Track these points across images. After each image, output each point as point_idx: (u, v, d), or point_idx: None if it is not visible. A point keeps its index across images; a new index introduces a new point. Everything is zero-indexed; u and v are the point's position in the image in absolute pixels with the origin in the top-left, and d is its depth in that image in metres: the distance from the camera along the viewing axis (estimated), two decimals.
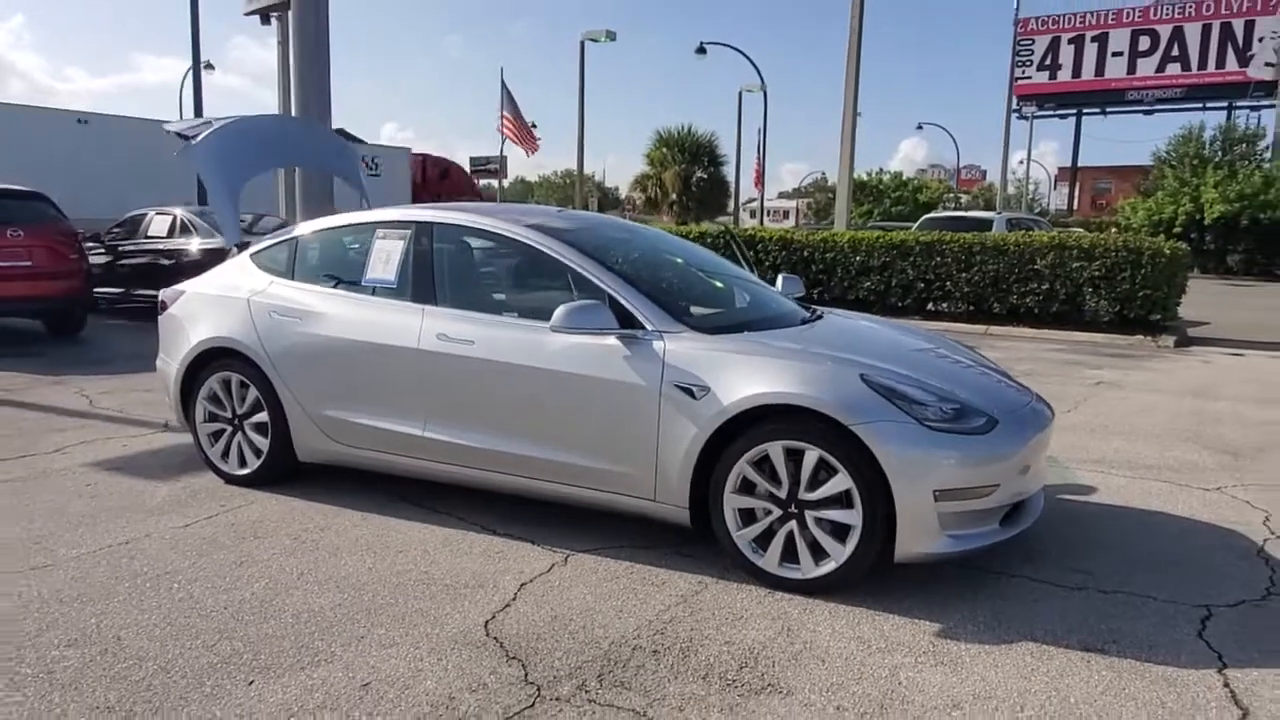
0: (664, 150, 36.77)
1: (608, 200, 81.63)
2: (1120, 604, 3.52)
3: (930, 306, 13.36)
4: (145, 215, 12.25)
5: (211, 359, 4.82)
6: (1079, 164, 50.94)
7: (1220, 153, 36.22)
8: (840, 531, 3.47)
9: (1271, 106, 39.95)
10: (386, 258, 4.45)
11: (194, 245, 11.42)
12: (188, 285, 5.14)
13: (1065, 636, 3.23)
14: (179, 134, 5.22)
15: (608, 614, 3.35)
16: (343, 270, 4.72)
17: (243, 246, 5.12)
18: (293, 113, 14.08)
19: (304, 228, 4.92)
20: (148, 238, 12.00)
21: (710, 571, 3.75)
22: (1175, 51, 45.63)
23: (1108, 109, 48.96)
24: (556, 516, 4.28)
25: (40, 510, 4.40)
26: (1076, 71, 48.05)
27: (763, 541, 3.61)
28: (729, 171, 33.97)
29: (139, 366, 8.37)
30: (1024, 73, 48.67)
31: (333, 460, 4.64)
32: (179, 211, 11.89)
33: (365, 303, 4.48)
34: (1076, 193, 52.18)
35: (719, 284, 4.89)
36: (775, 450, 3.52)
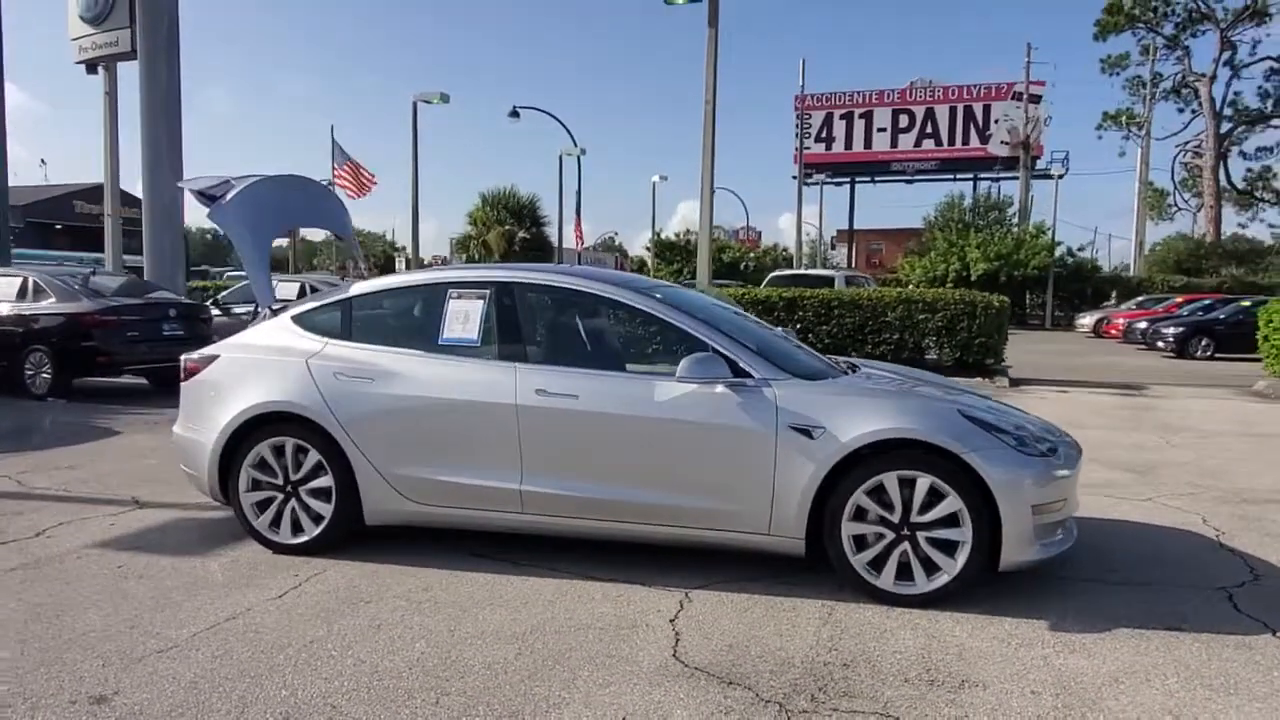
0: (488, 210, 36.99)
1: (414, 261, 79.85)
2: (1160, 592, 4.23)
3: None
4: None
5: (258, 425, 4.64)
6: (854, 226, 55.88)
7: (978, 218, 41.16)
8: (948, 548, 3.96)
9: (1013, 178, 45.95)
10: (465, 317, 4.54)
11: (46, 309, 10.38)
12: (219, 349, 4.92)
13: (1144, 620, 3.86)
14: (201, 192, 4.98)
15: (771, 639, 3.64)
16: (409, 331, 4.74)
17: (276, 310, 4.97)
18: (141, 166, 13.31)
19: (356, 290, 4.86)
20: None
21: (822, 595, 4.11)
22: (929, 129, 51.33)
23: (876, 178, 53.98)
24: (638, 559, 4.49)
25: (94, 596, 4.06)
26: (848, 144, 52.94)
27: (876, 563, 4.03)
28: (552, 231, 34.74)
29: (34, 443, 7.67)
30: (804, 144, 52.94)
31: (406, 521, 4.59)
32: (29, 274, 10.79)
33: (445, 362, 4.52)
34: (853, 252, 56.99)
35: (771, 335, 5.30)
36: (890, 480, 3.97)
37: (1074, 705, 3.09)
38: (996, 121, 48.83)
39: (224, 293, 15.70)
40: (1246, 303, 22.43)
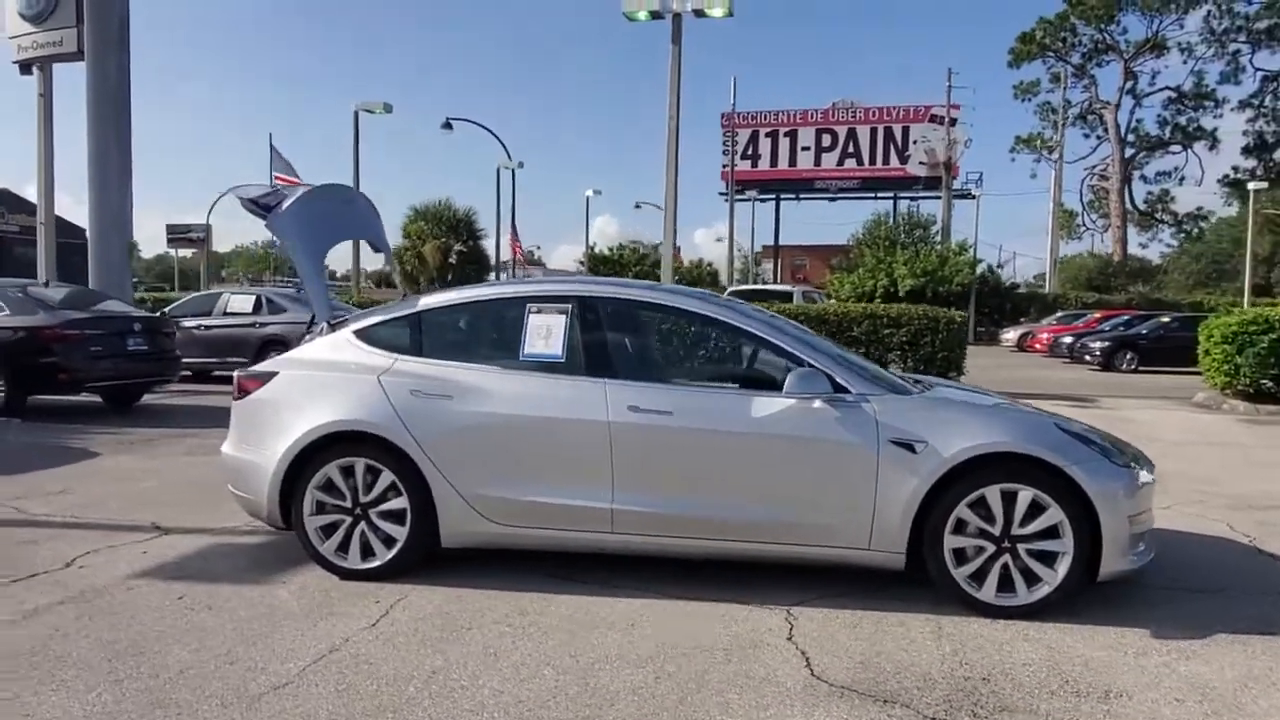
0: (422, 224, 36.32)
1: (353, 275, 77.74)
2: (1236, 598, 4.39)
3: None
4: None
5: (325, 445, 4.42)
6: (780, 242, 56.89)
7: (904, 235, 42.38)
8: (1048, 559, 4.02)
9: (933, 197, 47.50)
10: (546, 332, 4.42)
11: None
12: (277, 365, 4.67)
13: (1237, 624, 4.00)
14: (254, 201, 4.73)
15: (897, 654, 3.63)
16: (484, 346, 4.60)
17: (335, 324, 4.76)
18: (88, 171, 12.67)
19: (425, 303, 4.68)
20: None
21: (919, 608, 4.12)
22: (851, 149, 52.73)
23: (800, 195, 55.09)
24: (722, 577, 4.44)
25: (169, 631, 3.79)
26: (774, 162, 53.94)
27: (977, 576, 4.07)
28: (489, 245, 34.37)
29: (10, 466, 7.18)
30: (731, 161, 53.63)
31: (484, 543, 4.43)
32: None
33: (529, 378, 4.39)
34: (778, 267, 58.01)
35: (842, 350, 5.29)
36: (992, 493, 4.02)
37: (1221, 711, 3.17)
38: (915, 143, 50.48)
39: (170, 306, 15.00)
40: (1167, 318, 23.66)
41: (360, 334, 4.65)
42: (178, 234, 49.05)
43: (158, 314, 12.17)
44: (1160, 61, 44.85)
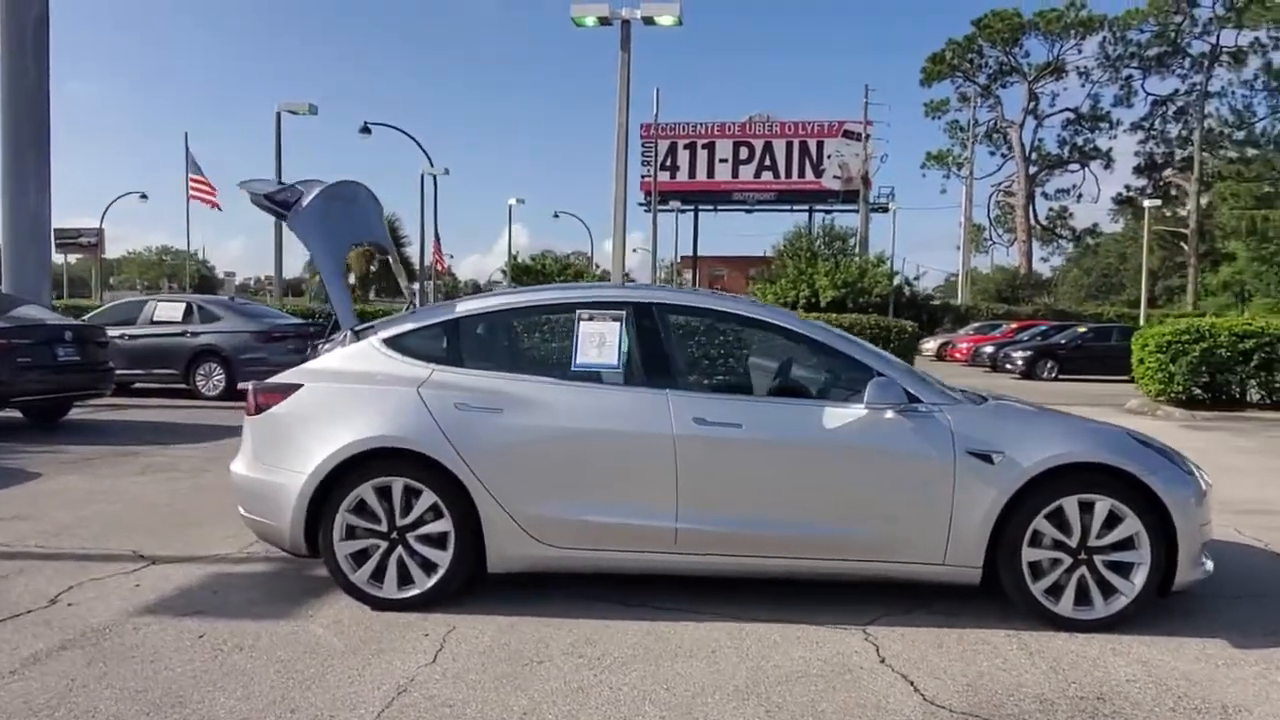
0: None
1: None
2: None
3: None
4: None
5: (358, 464, 4.05)
6: (698, 253, 57.32)
7: (824, 247, 43.19)
8: (1123, 570, 3.96)
9: (848, 210, 48.67)
10: (600, 340, 4.15)
11: None
12: (299, 377, 4.26)
13: None
14: (268, 197, 4.29)
15: (997, 674, 3.49)
16: (530, 355, 4.29)
17: (358, 333, 4.37)
18: (1, 173, 11.74)
19: (462, 309, 4.34)
20: None
21: (988, 623, 4.01)
22: (768, 162, 53.56)
23: (718, 206, 55.67)
24: (780, 596, 4.26)
25: (204, 676, 3.36)
26: (692, 173, 54.38)
27: (1054, 590, 3.98)
28: (412, 252, 33.40)
29: None
30: (649, 172, 53.76)
31: (534, 567, 4.13)
32: None
33: (583, 389, 4.12)
34: (697, 278, 58.45)
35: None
36: (1070, 504, 3.94)
37: None
38: (829, 157, 51.64)
39: (90, 314, 13.99)
40: (1084, 329, 24.65)
41: (391, 343, 4.28)
42: (66, 239, 46.24)
43: (88, 322, 11.29)
44: (1060, 84, 47.06)
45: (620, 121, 15.30)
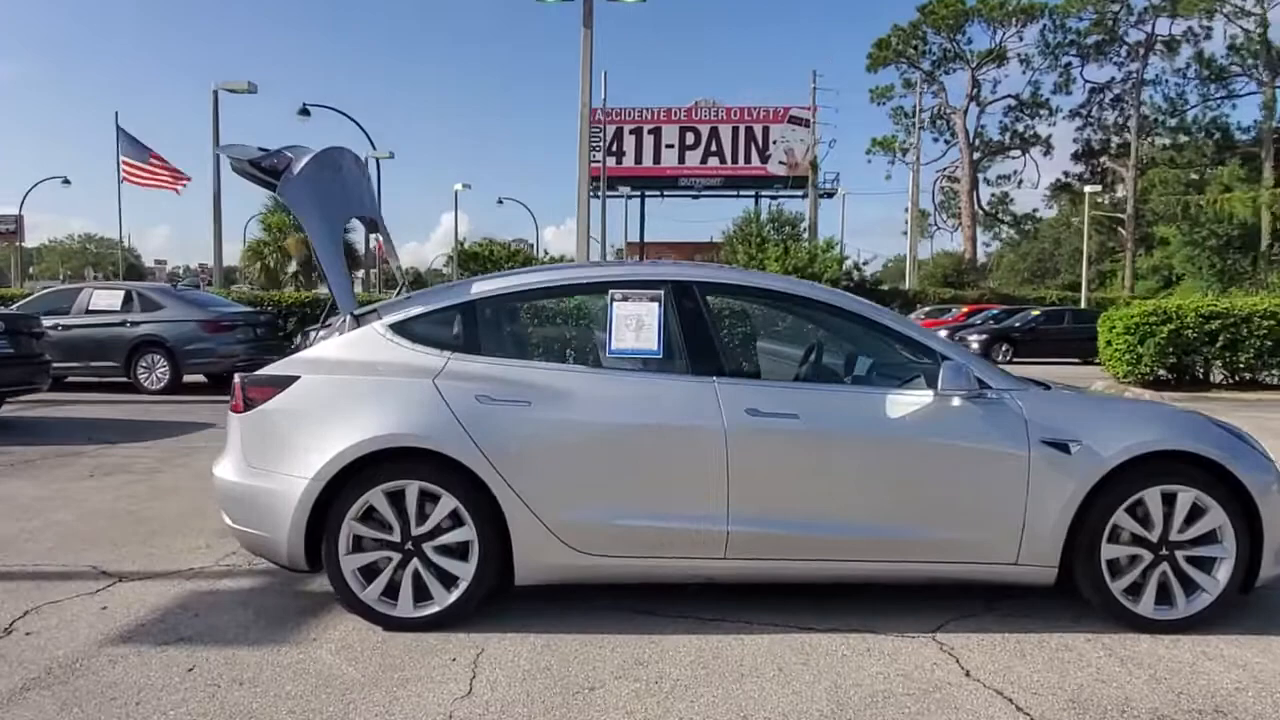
0: (283, 215, 33.76)
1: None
2: None
3: None
4: None
5: (364, 467, 3.56)
6: (644, 239, 56.92)
7: (773, 233, 43.12)
8: (1205, 565, 3.68)
9: (793, 196, 48.74)
10: (637, 324, 3.72)
11: None
12: (294, 368, 3.73)
13: None
14: (254, 164, 3.74)
15: (1097, 686, 3.17)
16: (558, 341, 3.84)
17: (358, 318, 3.86)
18: None
19: (479, 290, 3.86)
20: None
21: (1058, 627, 3.71)
22: (714, 147, 53.37)
23: (665, 192, 55.35)
24: (827, 603, 3.91)
25: (199, 717, 2.87)
26: (638, 158, 53.93)
27: (1133, 588, 3.68)
28: (355, 239, 32.32)
29: None
30: (595, 157, 53.11)
31: (567, 577, 3.69)
32: None
33: (620, 379, 3.69)
34: None
35: None
36: (1152, 496, 3.64)
37: None
38: (775, 143, 51.67)
39: (18, 304, 13.01)
40: (1037, 312, 24.91)
41: (398, 328, 3.79)
42: None
43: (22, 312, 10.43)
44: (1002, 70, 47.64)
45: (583, 99, 14.83)
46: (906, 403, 3.64)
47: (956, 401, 3.64)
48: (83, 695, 3.02)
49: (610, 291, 3.78)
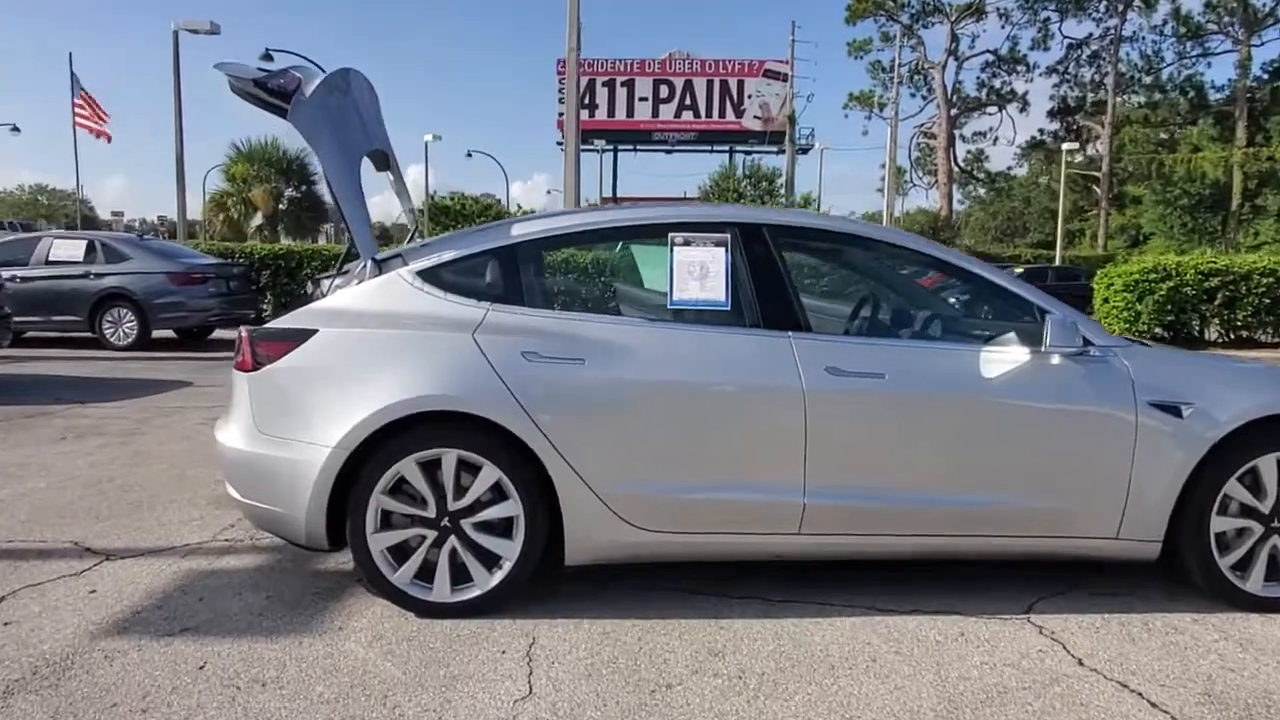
0: (247, 165, 32.48)
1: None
2: None
3: None
4: None
5: (395, 433, 3.11)
6: (618, 194, 56.07)
7: (750, 188, 42.52)
8: None
9: (769, 151, 48.15)
10: (702, 271, 3.28)
11: None
12: (310, 320, 3.25)
13: None
14: (260, 85, 3.20)
15: (1227, 676, 2.85)
16: (609, 290, 3.39)
17: (380, 263, 3.38)
18: None
19: (519, 233, 3.39)
20: None
21: (1158, 605, 3.41)
22: (688, 101, 52.53)
23: (638, 146, 54.51)
24: (893, 577, 3.56)
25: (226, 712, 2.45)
26: (611, 111, 52.95)
27: (1241, 564, 3.37)
28: (323, 190, 31.18)
29: None
30: (566, 109, 51.81)
31: (626, 556, 3.28)
32: None
33: (685, 333, 3.26)
34: None
35: None
36: (1267, 463, 3.31)
37: None
38: (750, 97, 50.94)
39: None
40: (1019, 270, 24.74)
41: (428, 275, 3.31)
42: None
43: None
44: (980, 25, 47.07)
45: (570, 45, 14.14)
46: (1003, 360, 3.26)
47: (1056, 360, 3.27)
48: (77, 701, 2.58)
49: (670, 235, 3.33)
